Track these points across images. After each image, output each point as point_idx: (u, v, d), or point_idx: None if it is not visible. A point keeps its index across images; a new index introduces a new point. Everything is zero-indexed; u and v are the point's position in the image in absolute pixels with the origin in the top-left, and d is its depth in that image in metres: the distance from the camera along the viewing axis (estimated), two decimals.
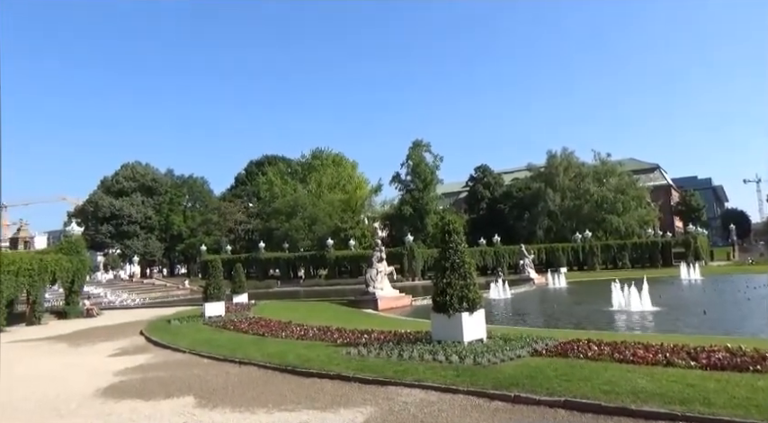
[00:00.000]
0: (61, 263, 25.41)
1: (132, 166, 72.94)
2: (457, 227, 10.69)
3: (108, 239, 66.03)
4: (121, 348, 14.20)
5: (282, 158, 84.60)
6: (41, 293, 24.31)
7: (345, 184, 74.42)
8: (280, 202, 67.88)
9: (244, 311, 20.69)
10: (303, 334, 13.47)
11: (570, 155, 72.02)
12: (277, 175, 74.99)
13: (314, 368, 9.38)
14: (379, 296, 25.05)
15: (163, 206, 71.61)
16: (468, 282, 10.01)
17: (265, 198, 73.06)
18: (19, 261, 22.49)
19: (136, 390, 8.98)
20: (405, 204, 65.49)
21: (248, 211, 73.46)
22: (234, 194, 79.58)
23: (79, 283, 26.95)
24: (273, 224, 65.78)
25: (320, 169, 75.48)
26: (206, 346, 12.96)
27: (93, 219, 65.71)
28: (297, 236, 63.39)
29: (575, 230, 63.88)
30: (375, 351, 9.96)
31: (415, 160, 66.29)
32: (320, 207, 64.95)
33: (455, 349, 9.14)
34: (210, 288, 19.84)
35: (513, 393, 6.87)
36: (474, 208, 77.89)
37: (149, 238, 69.27)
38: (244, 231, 71.31)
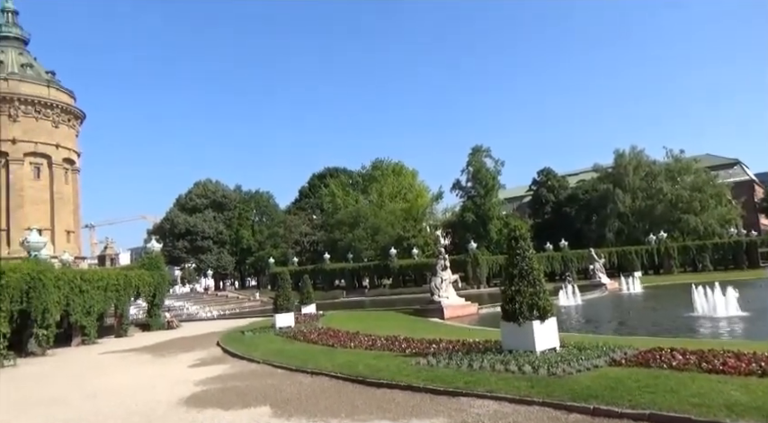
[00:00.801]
0: (143, 278, 27.03)
1: (204, 183, 76.72)
2: (523, 233, 10.46)
3: (184, 254, 69.62)
4: (201, 359, 14.87)
5: (343, 170, 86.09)
6: (127, 307, 25.94)
7: (406, 193, 74.59)
8: (342, 213, 68.97)
9: (312, 322, 21.09)
10: (371, 344, 13.56)
11: (640, 153, 68.73)
12: (339, 187, 76.31)
13: (384, 378, 9.42)
14: (445, 305, 24.82)
15: (233, 221, 74.71)
16: (537, 289, 9.75)
17: (328, 210, 74.48)
18: (107, 277, 24.11)
19: (216, 399, 9.36)
20: (466, 211, 64.79)
21: (312, 223, 75.14)
22: (298, 207, 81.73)
23: (160, 297, 28.51)
24: (337, 235, 66.89)
25: (381, 179, 76.09)
26: (278, 356, 13.32)
27: (170, 235, 69.54)
28: (360, 246, 64.10)
29: (648, 232, 60.77)
30: (444, 361, 9.88)
31: (475, 166, 65.53)
32: (382, 217, 65.39)
33: (527, 359, 8.90)
34: (280, 300, 20.42)
35: (592, 406, 6.59)
36: (538, 212, 75.93)
37: (221, 252, 72.41)
38: (309, 243, 72.98)
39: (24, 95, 56.12)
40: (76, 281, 21.37)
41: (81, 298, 21.41)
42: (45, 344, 18.77)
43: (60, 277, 20.41)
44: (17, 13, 63.01)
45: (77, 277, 21.78)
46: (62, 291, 20.15)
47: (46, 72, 61.71)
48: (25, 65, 59.86)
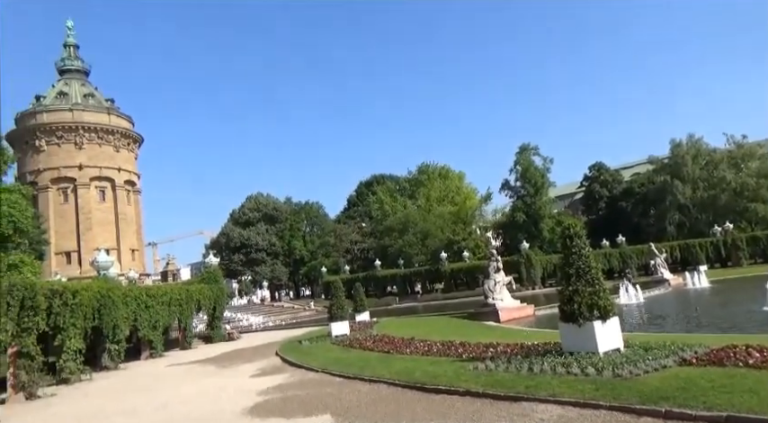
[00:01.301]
0: (204, 292, 28.03)
1: (255, 197, 78.92)
2: (578, 230, 10.17)
3: (240, 267, 71.70)
4: (261, 369, 15.24)
5: (390, 176, 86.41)
6: (190, 320, 26.96)
7: (454, 195, 74.02)
8: (391, 219, 69.14)
9: (367, 329, 21.21)
10: (427, 350, 13.51)
11: (698, 141, 65.48)
12: (386, 194, 76.60)
13: (442, 384, 9.35)
14: (500, 307, 24.41)
15: (284, 233, 76.36)
16: (596, 288, 9.45)
17: (377, 217, 74.85)
18: (170, 292, 25.16)
19: (278, 408, 9.56)
20: (517, 211, 63.60)
21: (362, 230, 75.74)
22: (347, 216, 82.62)
23: (220, 310, 29.48)
24: (387, 242, 67.09)
25: (428, 183, 75.86)
26: (336, 364, 13.48)
27: (226, 249, 71.81)
28: (410, 251, 64.03)
29: (712, 223, 57.69)
30: (503, 365, 9.72)
31: (523, 165, 64.27)
32: (431, 221, 65.11)
33: (590, 361, 8.62)
34: (334, 308, 20.68)
35: (663, 408, 6.29)
36: (592, 208, 73.61)
37: (275, 264, 74.10)
38: (360, 251, 73.57)
39: (88, 123, 59.66)
40: (142, 297, 22.42)
41: (147, 313, 22.43)
42: (117, 358, 19.77)
43: (128, 294, 21.46)
44: (78, 47, 67.11)
45: (143, 294, 22.84)
46: (130, 307, 21.17)
47: (106, 100, 65.34)
48: (87, 95, 63.59)
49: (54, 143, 58.58)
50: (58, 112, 59.77)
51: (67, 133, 58.83)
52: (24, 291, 14.58)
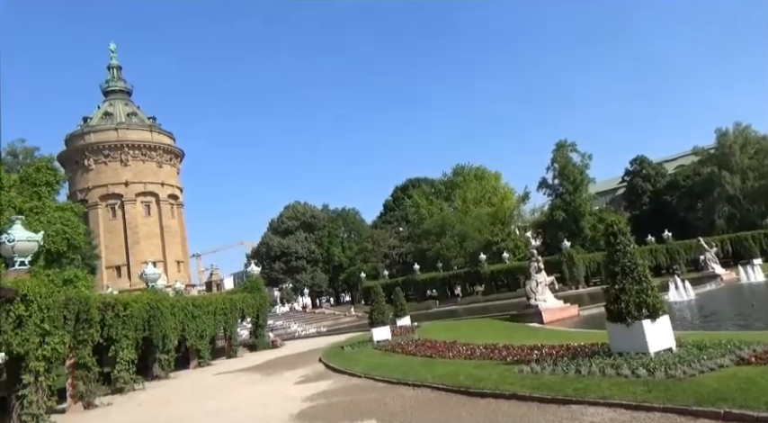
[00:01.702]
0: (247, 300, 28.61)
1: (293, 206, 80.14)
2: (622, 227, 9.90)
3: (281, 275, 72.86)
4: (305, 376, 15.43)
5: (425, 180, 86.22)
6: (235, 329, 27.56)
7: (491, 196, 73.21)
8: (428, 222, 68.94)
9: (408, 334, 21.17)
10: (470, 353, 13.38)
11: (746, 129, 62.84)
12: (422, 197, 76.46)
13: (487, 388, 9.25)
14: (543, 308, 23.95)
15: (323, 240, 77.20)
16: (644, 285, 9.16)
17: (414, 221, 74.77)
18: (214, 302, 25.80)
19: (324, 415, 9.66)
20: (556, 209, 62.40)
21: (399, 235, 75.81)
22: (384, 221, 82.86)
23: (263, 318, 30.00)
24: (425, 245, 66.92)
25: (463, 185, 75.30)
26: (379, 370, 13.51)
27: (266, 258, 73.12)
28: (449, 254, 63.66)
29: (765, 215, 55.17)
30: (549, 367, 9.53)
31: (560, 162, 63.07)
32: (468, 223, 64.60)
33: (640, 361, 8.36)
34: (375, 313, 20.74)
35: (722, 409, 6.04)
36: (635, 204, 71.47)
37: (315, 271, 74.97)
38: (398, 255, 73.63)
39: (132, 141, 62.03)
40: (189, 307, 23.06)
41: (194, 323, 23.05)
42: (167, 367, 20.39)
43: (175, 305, 22.11)
44: (121, 68, 69.91)
45: (189, 304, 23.49)
46: (177, 317, 21.81)
47: (147, 118, 67.77)
48: (131, 114, 66.15)
49: (101, 161, 61.12)
50: (104, 131, 62.38)
51: (113, 151, 61.28)
52: (79, 304, 15.20)
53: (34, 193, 27.30)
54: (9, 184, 26.53)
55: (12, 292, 11.98)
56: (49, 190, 28.96)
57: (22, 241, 13.70)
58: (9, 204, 24.18)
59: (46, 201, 27.57)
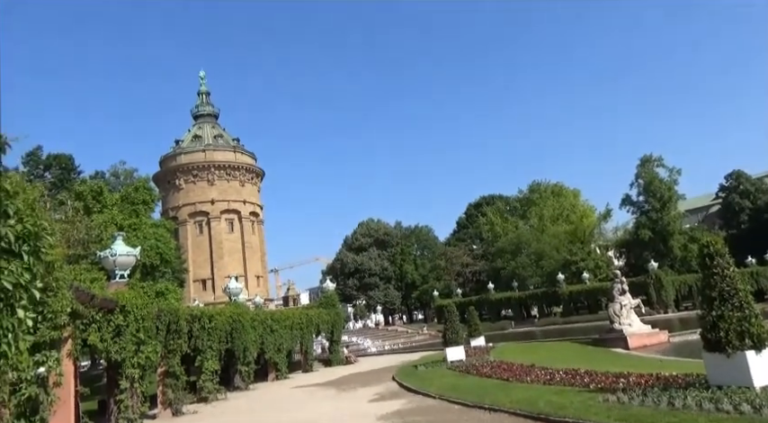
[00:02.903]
0: (322, 316, 29.24)
1: (366, 223, 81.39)
2: (719, 248, 9.18)
3: (354, 292, 73.89)
4: (379, 394, 15.45)
5: (499, 197, 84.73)
6: (311, 344, 28.19)
7: (569, 214, 70.58)
8: (502, 240, 67.49)
9: (483, 355, 20.71)
10: (549, 378, 12.86)
11: None
12: (496, 215, 75.11)
13: (569, 416, 8.81)
14: (628, 333, 22.61)
15: (396, 257, 77.59)
16: (746, 313, 8.43)
17: (488, 238, 73.50)
18: (291, 317, 26.57)
19: None
20: (641, 228, 59.03)
21: (473, 253, 74.73)
22: (457, 238, 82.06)
23: (338, 334, 30.50)
24: (499, 264, 65.49)
25: (540, 202, 73.21)
26: (453, 391, 13.28)
27: (341, 274, 74.53)
28: (525, 273, 61.85)
29: None
30: (638, 398, 8.94)
31: (646, 178, 59.79)
32: (545, 241, 62.58)
33: (744, 396, 7.66)
34: (449, 333, 20.48)
35: None
36: (731, 222, 66.16)
37: (388, 288, 75.36)
38: (471, 273, 72.49)
39: (218, 162, 65.89)
40: (268, 321, 23.90)
41: (272, 337, 23.84)
42: (247, 379, 21.18)
43: (255, 318, 23.00)
44: (209, 94, 74.82)
45: (269, 318, 24.36)
46: (257, 331, 22.65)
47: (232, 139, 71.77)
48: (217, 136, 70.38)
49: (191, 181, 65.31)
50: (193, 153, 66.74)
51: (201, 172, 65.34)
52: (170, 316, 16.21)
53: (133, 211, 29.68)
54: (112, 203, 29.05)
55: (113, 303, 12.99)
56: (146, 208, 31.41)
57: (122, 256, 14.88)
58: (112, 221, 26.43)
59: (143, 218, 29.90)
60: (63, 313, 8.93)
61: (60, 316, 8.80)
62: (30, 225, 4.57)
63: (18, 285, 4.38)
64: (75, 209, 24.53)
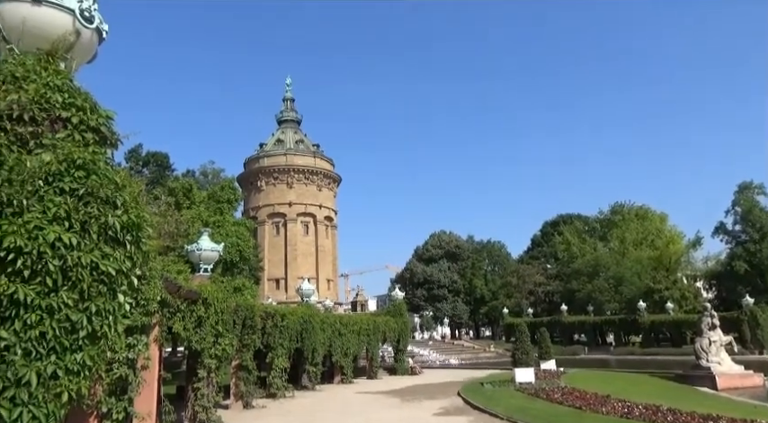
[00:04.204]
0: (389, 324, 29.32)
1: (439, 235, 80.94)
2: None
3: (422, 302, 73.56)
4: (444, 408, 15.25)
5: (578, 216, 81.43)
6: (377, 351, 28.34)
7: (654, 239, 66.53)
8: (579, 262, 64.78)
9: (554, 379, 19.94)
10: (627, 411, 12.16)
11: None
12: (574, 235, 72.26)
13: None
14: (717, 372, 20.84)
15: (466, 271, 76.55)
16: None
17: (563, 258, 70.85)
18: (359, 322, 26.86)
19: None
20: (736, 259, 54.51)
21: (547, 272, 72.24)
22: (531, 256, 79.71)
23: (404, 343, 30.45)
24: (574, 285, 62.84)
25: (622, 225, 69.65)
26: (521, 413, 12.87)
27: (409, 284, 74.48)
28: (601, 298, 58.88)
29: None
30: None
31: (744, 206, 55.31)
32: (626, 266, 59.31)
33: None
34: (518, 353, 19.99)
35: None
36: None
37: (456, 301, 74.41)
38: (544, 293, 70.07)
39: (297, 166, 68.23)
40: (336, 325, 24.31)
41: (340, 340, 24.21)
42: (314, 379, 21.64)
43: (324, 321, 23.48)
44: (293, 100, 77.83)
45: (337, 321, 24.77)
46: (326, 333, 23.10)
47: (312, 145, 74.10)
48: (298, 141, 72.93)
49: (271, 183, 68.01)
50: (275, 156, 69.54)
51: (281, 175, 67.90)
52: (246, 311, 16.89)
53: (218, 209, 31.36)
54: (200, 200, 30.87)
55: (196, 294, 13.73)
56: (229, 207, 33.08)
57: (207, 251, 15.73)
58: (198, 217, 28.06)
59: (226, 216, 31.51)
60: (154, 301, 9.55)
61: (151, 303, 9.43)
62: (134, 216, 4.95)
63: (120, 272, 4.76)
64: (168, 204, 26.24)
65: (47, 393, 4.03)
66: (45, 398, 4.01)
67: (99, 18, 5.48)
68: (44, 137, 4.68)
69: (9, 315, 3.97)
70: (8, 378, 3.83)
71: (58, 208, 4.31)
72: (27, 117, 4.58)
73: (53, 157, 4.51)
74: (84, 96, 5.02)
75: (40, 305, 4.08)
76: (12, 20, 5.00)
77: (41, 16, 5.07)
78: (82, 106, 4.94)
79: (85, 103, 4.98)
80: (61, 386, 4.12)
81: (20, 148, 4.52)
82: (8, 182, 4.16)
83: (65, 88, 4.88)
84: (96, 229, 4.53)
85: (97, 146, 5.04)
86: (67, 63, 5.29)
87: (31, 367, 3.95)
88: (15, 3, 4.99)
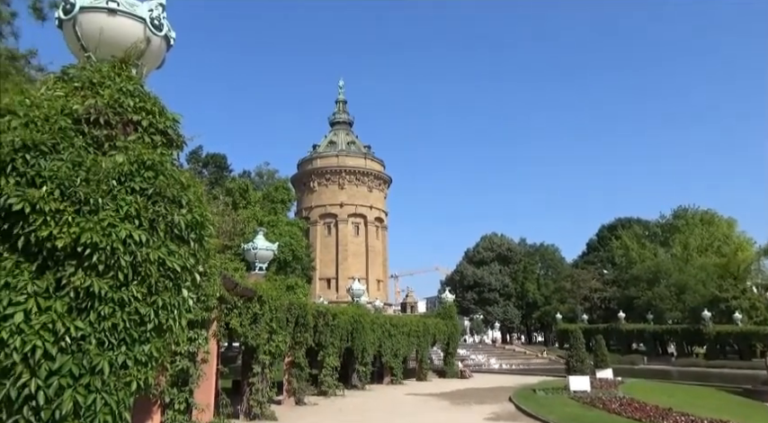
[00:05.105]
0: (439, 326, 29.17)
1: (490, 237, 79.74)
2: None
3: (472, 305, 72.66)
4: (495, 413, 15.01)
5: (637, 221, 78.08)
6: (426, 353, 28.25)
7: (720, 245, 62.99)
8: (638, 267, 62.11)
9: (611, 389, 19.25)
10: None
11: None
12: (633, 239, 69.37)
13: None
14: None
15: (518, 274, 75.04)
16: None
17: (621, 264, 68.17)
18: (409, 323, 26.86)
19: None
20: None
21: (603, 278, 69.69)
22: (586, 261, 77.15)
23: (454, 346, 30.22)
24: (633, 292, 60.30)
25: (685, 230, 66.29)
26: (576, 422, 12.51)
27: (459, 286, 73.75)
28: (662, 306, 56.18)
29: None
30: None
31: None
32: (689, 273, 56.35)
33: None
34: (573, 360, 19.43)
35: None
36: None
37: (507, 305, 73.07)
38: (599, 299, 67.65)
39: (349, 167, 68.99)
40: (387, 325, 24.41)
41: (390, 341, 24.29)
42: (364, 379, 21.82)
43: (374, 321, 23.62)
44: (346, 102, 78.82)
45: (387, 322, 24.87)
46: (376, 333, 23.24)
47: (364, 146, 74.73)
48: (350, 143, 73.74)
49: (323, 184, 69.09)
50: (327, 158, 70.60)
51: (333, 176, 68.85)
52: (299, 310, 17.23)
53: (272, 209, 32.21)
54: (255, 200, 31.79)
55: (252, 292, 14.14)
56: (283, 207, 33.92)
57: (262, 250, 16.18)
58: (254, 217, 28.91)
59: (280, 216, 32.32)
60: (213, 297, 9.91)
61: (211, 299, 9.78)
62: (197, 215, 5.15)
63: (185, 268, 4.96)
64: (225, 203, 27.19)
65: (118, 382, 4.26)
66: (116, 386, 4.23)
67: (167, 26, 5.75)
68: (117, 139, 4.95)
69: (85, 307, 4.23)
70: (84, 366, 4.07)
71: (129, 206, 4.55)
72: (102, 120, 4.85)
73: (125, 158, 4.76)
74: (154, 100, 5.28)
75: (113, 298, 4.31)
76: (90, 30, 5.33)
77: (116, 25, 5.38)
78: (151, 110, 5.19)
79: (155, 107, 5.23)
80: (130, 375, 4.34)
81: (96, 150, 4.81)
82: (86, 181, 4.43)
83: (136, 93, 5.14)
84: (163, 227, 4.75)
85: (165, 148, 5.29)
86: (138, 69, 5.58)
87: (104, 356, 4.18)
88: (93, 13, 5.32)
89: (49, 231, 4.15)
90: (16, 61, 15.36)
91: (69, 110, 4.74)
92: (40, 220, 4.14)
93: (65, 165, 4.37)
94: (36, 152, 4.31)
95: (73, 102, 4.83)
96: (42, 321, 3.95)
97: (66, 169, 4.35)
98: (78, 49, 5.49)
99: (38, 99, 4.71)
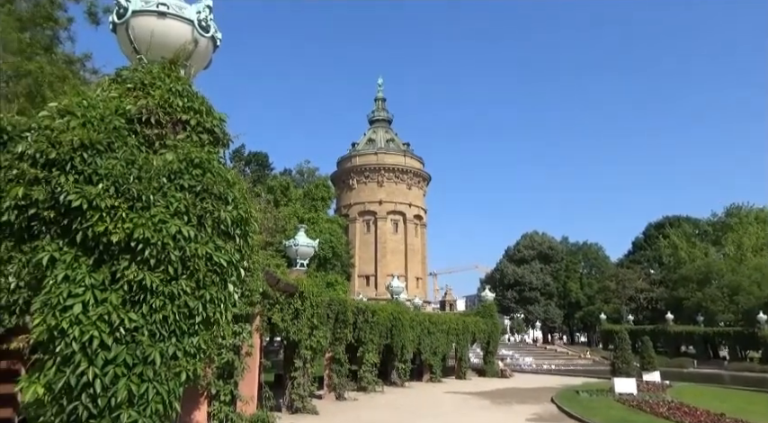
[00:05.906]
0: (479, 325, 28.90)
1: (531, 235, 78.39)
2: None
3: (513, 304, 71.67)
4: (537, 414, 14.77)
5: (687, 219, 75.11)
6: (466, 351, 28.05)
7: None
8: (687, 267, 59.75)
9: (659, 392, 18.63)
10: None
11: None
12: (682, 238, 66.78)
13: None
14: None
15: (559, 273, 73.50)
16: None
17: (669, 263, 65.78)
18: (448, 321, 26.73)
19: None
20: None
21: (650, 278, 67.40)
22: (632, 260, 74.76)
23: (494, 345, 29.88)
24: (681, 293, 58.06)
25: (738, 228, 63.31)
26: None
27: (500, 285, 72.87)
28: (714, 308, 53.86)
29: None
30: None
31: None
32: (743, 273, 53.77)
33: None
34: (618, 362, 18.89)
35: None
36: None
37: (549, 305, 71.70)
38: (646, 300, 65.48)
39: (388, 165, 69.13)
40: (426, 323, 24.36)
41: (429, 338, 24.23)
42: (403, 376, 21.85)
43: (414, 319, 23.60)
44: (385, 100, 78.98)
45: (426, 320, 24.81)
46: (415, 331, 23.22)
47: (402, 144, 74.71)
48: (389, 140, 73.86)
49: (362, 182, 69.49)
50: (366, 155, 70.96)
51: (372, 173, 69.14)
52: (339, 306, 17.41)
53: (312, 206, 32.63)
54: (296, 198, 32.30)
55: (293, 287, 14.37)
56: (323, 204, 34.32)
57: (303, 246, 16.40)
58: (294, 214, 29.37)
59: (320, 213, 32.71)
60: (256, 292, 10.15)
61: (255, 294, 10.02)
62: (242, 212, 5.27)
63: (230, 263, 5.09)
64: (267, 201, 27.73)
65: (168, 372, 4.41)
66: (167, 376, 4.39)
67: (214, 27, 5.91)
68: (167, 138, 5.13)
69: (138, 299, 4.40)
70: (137, 356, 4.24)
71: (178, 203, 4.71)
72: (153, 120, 5.04)
73: (175, 156, 4.92)
74: (201, 100, 5.43)
75: (164, 291, 4.47)
76: (141, 32, 5.54)
77: (165, 28, 5.56)
78: (199, 109, 5.35)
79: (202, 107, 5.38)
80: (180, 366, 4.49)
81: (147, 149, 4.99)
82: (138, 179, 4.60)
83: (185, 93, 5.30)
84: (210, 223, 4.89)
85: (211, 146, 5.44)
86: (187, 70, 5.75)
87: (156, 347, 4.34)
88: (145, 17, 5.52)
89: (105, 227, 4.33)
90: (73, 65, 16.10)
91: (123, 110, 4.93)
92: (97, 216, 4.33)
93: (119, 163, 4.55)
94: (93, 151, 4.51)
95: (126, 102, 5.03)
96: (99, 313, 4.13)
97: (120, 167, 4.53)
98: (131, 51, 5.71)
99: (94, 100, 4.91)
